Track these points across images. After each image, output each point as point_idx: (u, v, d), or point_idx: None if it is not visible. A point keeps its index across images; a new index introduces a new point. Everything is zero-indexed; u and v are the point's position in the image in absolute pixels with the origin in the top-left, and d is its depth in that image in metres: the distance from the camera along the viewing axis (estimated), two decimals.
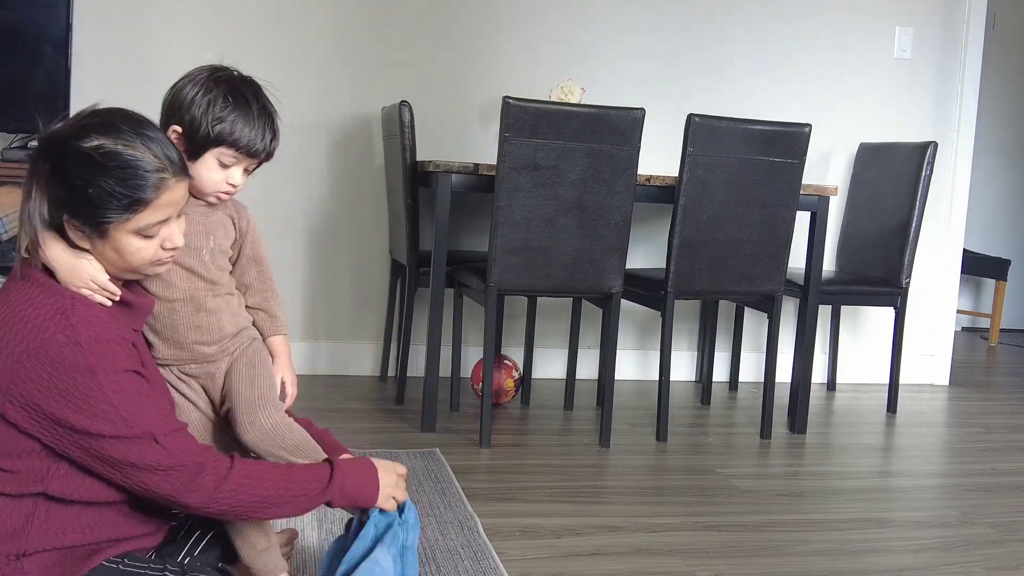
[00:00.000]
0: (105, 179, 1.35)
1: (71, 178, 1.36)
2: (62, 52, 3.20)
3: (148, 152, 1.39)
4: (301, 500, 1.50)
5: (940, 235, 4.45)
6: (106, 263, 1.42)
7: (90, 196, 1.36)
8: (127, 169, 1.36)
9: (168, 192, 1.40)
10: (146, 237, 1.41)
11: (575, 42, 3.96)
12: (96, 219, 1.37)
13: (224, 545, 1.69)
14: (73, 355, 1.33)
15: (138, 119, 1.43)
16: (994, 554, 2.33)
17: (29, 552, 1.38)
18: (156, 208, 1.39)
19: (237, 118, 1.61)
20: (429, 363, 3.09)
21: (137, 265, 1.44)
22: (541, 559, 2.12)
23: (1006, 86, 6.18)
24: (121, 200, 1.36)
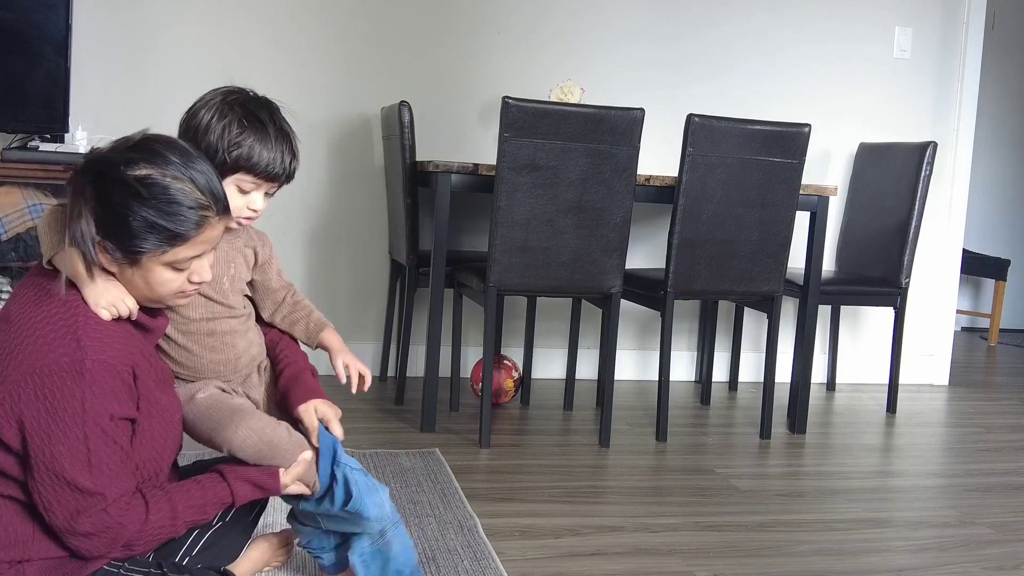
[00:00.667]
0: (148, 211, 1.34)
1: (113, 204, 1.34)
2: (62, 52, 3.20)
3: (195, 188, 1.38)
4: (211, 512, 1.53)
5: (940, 235, 4.45)
6: (130, 289, 1.42)
7: (130, 224, 1.34)
8: (172, 204, 1.35)
9: (209, 230, 1.40)
10: (178, 270, 1.41)
11: (575, 42, 3.96)
12: (132, 248, 1.36)
13: (223, 545, 1.69)
14: (72, 385, 1.32)
15: (187, 152, 1.41)
16: (993, 554, 2.33)
17: (32, 559, 1.39)
18: (194, 244, 1.39)
19: (254, 142, 1.59)
20: (429, 363, 3.09)
21: (162, 296, 1.43)
22: (541, 559, 2.12)
23: (1006, 86, 6.18)
24: (161, 233, 1.35)
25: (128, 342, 1.42)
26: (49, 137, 3.23)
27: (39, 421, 1.33)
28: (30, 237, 3.15)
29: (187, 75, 3.51)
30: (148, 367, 1.48)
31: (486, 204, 3.28)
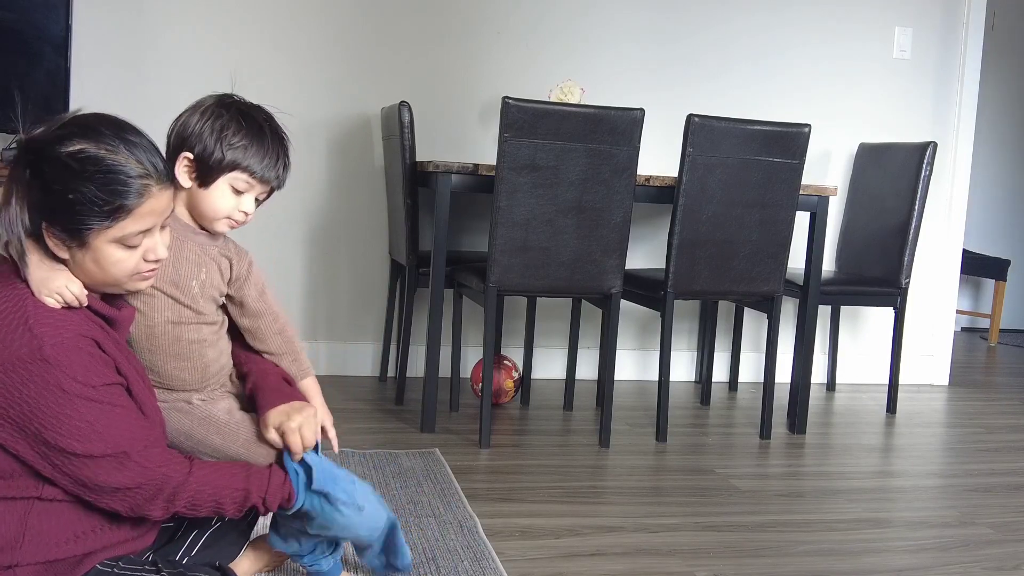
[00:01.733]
0: (86, 185, 1.31)
1: (51, 183, 1.31)
2: (62, 52, 3.20)
3: (131, 158, 1.34)
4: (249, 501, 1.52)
5: (940, 235, 4.45)
6: (84, 275, 1.38)
7: (70, 202, 1.31)
8: (109, 175, 1.32)
9: (151, 200, 1.36)
10: (128, 247, 1.37)
11: (575, 42, 3.96)
12: (76, 226, 1.32)
13: (222, 544, 1.69)
14: (41, 372, 1.29)
15: (121, 124, 1.38)
16: (993, 554, 2.33)
17: (21, 563, 1.37)
18: (138, 216, 1.35)
19: (251, 142, 1.60)
20: (429, 363, 3.09)
21: (118, 277, 1.39)
22: (541, 559, 2.12)
23: (1005, 86, 6.18)
24: (102, 207, 1.31)
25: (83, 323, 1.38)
26: None
27: (25, 416, 1.30)
28: None
29: (187, 75, 3.51)
30: (118, 351, 1.44)
31: (486, 204, 3.28)
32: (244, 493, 1.50)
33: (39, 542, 1.38)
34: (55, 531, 1.40)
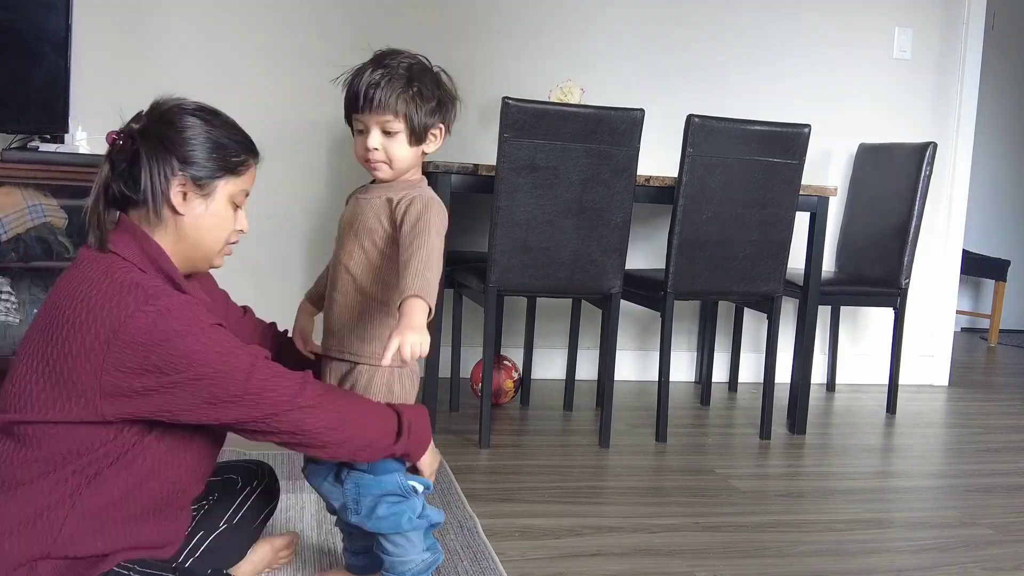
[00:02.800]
0: (216, 131, 1.49)
1: (187, 135, 1.46)
2: (62, 53, 3.20)
3: (237, 128, 1.55)
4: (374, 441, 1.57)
5: (940, 235, 4.45)
6: (193, 238, 1.49)
7: (207, 148, 1.47)
8: (229, 128, 1.52)
9: (253, 166, 1.55)
10: (235, 207, 1.52)
11: (575, 43, 3.96)
12: (212, 170, 1.47)
13: (227, 548, 1.69)
14: (164, 323, 1.35)
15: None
16: (993, 554, 2.33)
17: (49, 556, 1.37)
18: (248, 176, 1.54)
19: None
20: (429, 363, 3.09)
21: (217, 240, 1.51)
22: (540, 559, 2.12)
23: (1005, 86, 6.18)
24: (234, 155, 1.49)
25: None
26: (49, 137, 3.23)
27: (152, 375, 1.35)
28: (30, 237, 3.15)
29: (187, 75, 3.51)
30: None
31: (486, 204, 3.28)
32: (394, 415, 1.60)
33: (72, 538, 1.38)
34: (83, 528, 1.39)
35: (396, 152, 1.66)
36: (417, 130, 1.66)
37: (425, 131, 1.68)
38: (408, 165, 1.69)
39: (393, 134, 1.65)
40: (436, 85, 1.70)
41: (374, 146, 1.65)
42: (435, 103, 1.68)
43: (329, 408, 1.48)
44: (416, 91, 1.65)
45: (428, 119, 1.68)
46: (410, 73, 1.66)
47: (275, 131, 3.59)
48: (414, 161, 1.70)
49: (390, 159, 1.66)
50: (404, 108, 1.64)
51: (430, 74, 1.70)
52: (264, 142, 1.62)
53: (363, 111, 1.65)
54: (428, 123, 1.68)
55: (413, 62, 1.68)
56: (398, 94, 1.63)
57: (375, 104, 1.63)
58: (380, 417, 1.58)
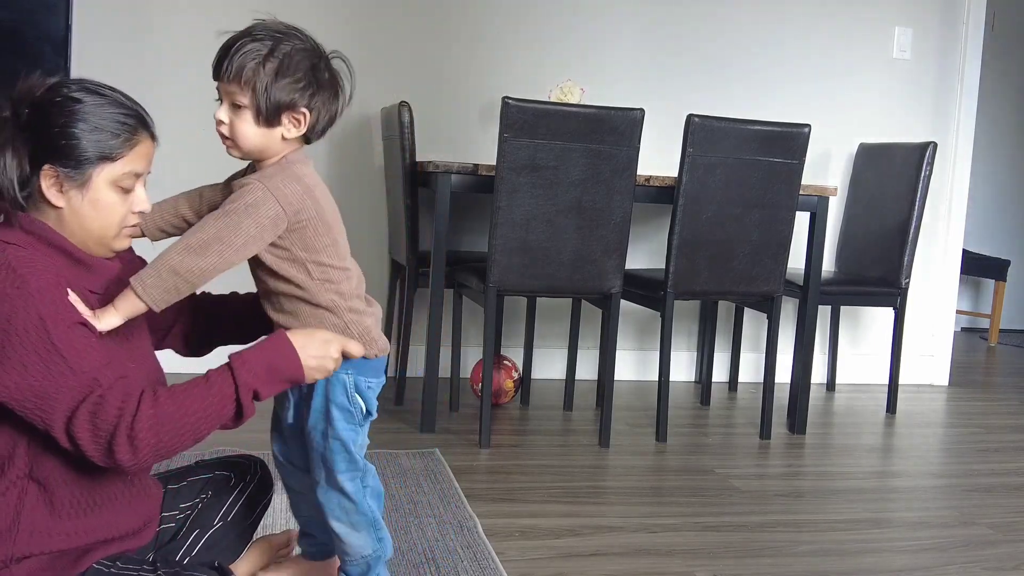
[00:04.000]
0: (88, 119, 1.37)
1: (51, 124, 1.37)
2: (62, 52, 3.20)
3: (123, 99, 1.42)
4: (221, 412, 1.40)
5: (939, 235, 4.45)
6: (79, 226, 1.40)
7: (74, 137, 1.36)
8: (109, 108, 1.39)
9: (144, 142, 1.42)
10: (123, 191, 1.41)
11: (575, 43, 3.96)
12: (81, 158, 1.37)
13: (223, 546, 1.69)
14: (24, 304, 1.29)
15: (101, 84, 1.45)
16: (993, 554, 2.33)
17: (18, 557, 1.37)
18: (134, 157, 1.41)
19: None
20: (428, 364, 3.09)
21: (109, 225, 1.42)
22: (540, 559, 2.12)
23: (1005, 86, 6.18)
24: (104, 140, 1.38)
25: (59, 273, 1.38)
26: None
27: (5, 356, 1.29)
28: None
29: (187, 75, 3.51)
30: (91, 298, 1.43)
31: (486, 204, 3.28)
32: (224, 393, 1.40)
33: (34, 532, 1.37)
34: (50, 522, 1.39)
35: (240, 129, 1.49)
36: (265, 109, 1.47)
37: (278, 112, 1.48)
38: (257, 147, 1.51)
39: (240, 108, 1.48)
40: (310, 66, 1.51)
41: (220, 119, 1.50)
42: (301, 83, 1.49)
43: (149, 442, 1.32)
44: (275, 65, 1.47)
45: (283, 97, 1.48)
46: (274, 43, 1.49)
47: None
48: (266, 144, 1.51)
49: (235, 137, 1.50)
50: (252, 79, 1.46)
51: (306, 53, 1.51)
52: None
53: (216, 78, 1.51)
54: (282, 102, 1.48)
55: (285, 36, 1.51)
56: (249, 64, 1.47)
57: (223, 71, 1.49)
58: (210, 418, 1.39)
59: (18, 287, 1.30)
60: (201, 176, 1.65)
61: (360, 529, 1.66)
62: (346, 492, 1.64)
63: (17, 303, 1.29)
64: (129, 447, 1.31)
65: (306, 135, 1.56)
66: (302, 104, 1.50)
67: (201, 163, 3.85)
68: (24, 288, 1.30)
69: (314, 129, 1.56)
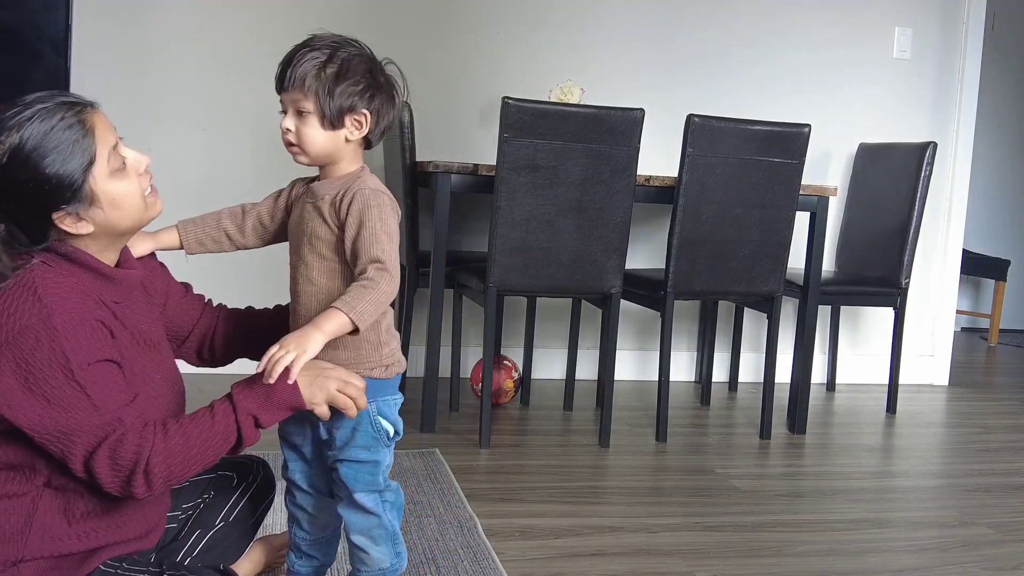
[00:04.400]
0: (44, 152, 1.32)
1: (24, 183, 1.32)
2: (62, 52, 3.20)
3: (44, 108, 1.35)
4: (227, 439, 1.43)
5: (940, 235, 4.45)
6: (114, 231, 1.40)
7: (52, 176, 1.32)
8: (47, 128, 1.33)
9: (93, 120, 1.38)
10: (120, 172, 1.39)
11: (575, 43, 3.96)
12: (74, 186, 1.34)
13: (224, 546, 1.69)
14: (48, 339, 1.29)
15: (13, 101, 1.38)
16: (993, 554, 2.33)
17: (27, 559, 1.37)
18: (100, 140, 1.37)
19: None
20: (428, 363, 3.09)
21: (137, 207, 1.42)
22: (540, 559, 2.12)
23: (1005, 86, 6.18)
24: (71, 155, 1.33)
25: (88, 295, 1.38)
26: None
27: (28, 389, 1.29)
28: None
29: (187, 76, 3.51)
30: (117, 322, 1.42)
31: (486, 204, 3.28)
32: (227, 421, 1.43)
33: (44, 536, 1.38)
34: (60, 524, 1.39)
35: (307, 134, 1.54)
36: (329, 112, 1.52)
37: (340, 115, 1.53)
38: (325, 151, 1.57)
39: (305, 115, 1.54)
40: (367, 70, 1.56)
41: (287, 127, 1.56)
42: (360, 86, 1.54)
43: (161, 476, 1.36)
44: (335, 70, 1.52)
45: (344, 101, 1.53)
46: (332, 51, 1.54)
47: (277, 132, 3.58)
48: (333, 148, 1.57)
49: (302, 143, 1.55)
50: (314, 84, 1.51)
51: (363, 59, 1.57)
52: (266, 143, 1.61)
53: (279, 90, 1.56)
54: (344, 105, 1.53)
55: (341, 44, 1.56)
56: (311, 71, 1.52)
57: (286, 81, 1.54)
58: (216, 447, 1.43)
59: (43, 319, 1.30)
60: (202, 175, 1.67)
61: (380, 543, 1.65)
62: (367, 508, 1.62)
63: (41, 336, 1.29)
64: (144, 482, 1.35)
65: (367, 137, 1.60)
66: (362, 106, 1.55)
67: (202, 162, 3.86)
68: (48, 322, 1.30)
69: (374, 131, 1.60)
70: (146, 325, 1.51)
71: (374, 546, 1.64)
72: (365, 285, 1.49)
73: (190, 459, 1.39)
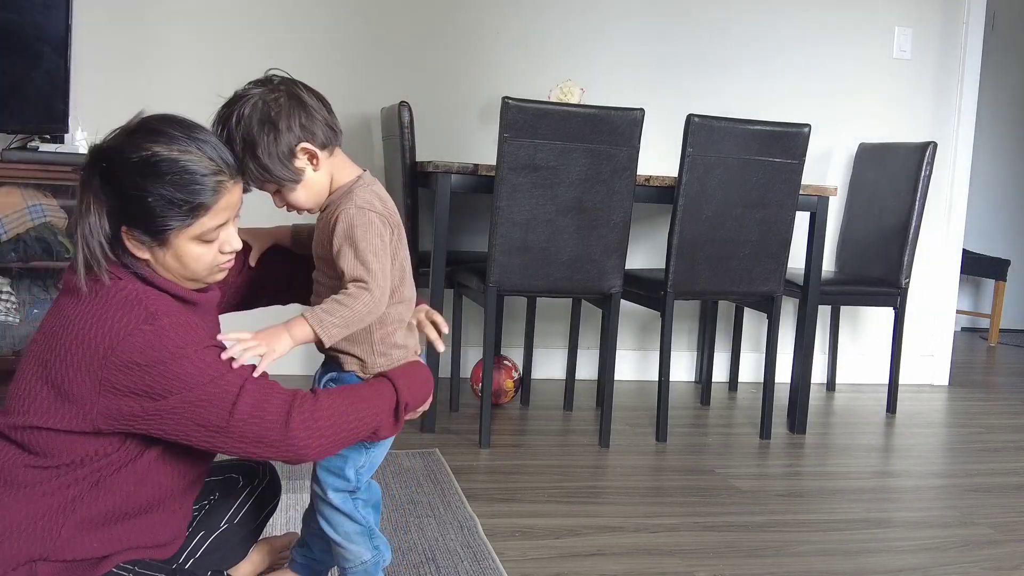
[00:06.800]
0: (163, 187, 1.34)
1: (127, 189, 1.35)
2: (61, 52, 3.20)
3: (204, 156, 1.37)
4: (379, 418, 1.52)
5: (940, 235, 4.45)
6: (166, 271, 1.41)
7: (149, 205, 1.34)
8: (184, 175, 1.35)
9: (227, 195, 1.40)
10: (206, 243, 1.40)
11: (574, 42, 3.96)
12: (157, 228, 1.36)
13: (227, 549, 1.69)
14: (160, 343, 1.32)
15: (189, 124, 1.40)
16: (993, 554, 2.33)
17: (49, 558, 1.37)
18: (216, 212, 1.39)
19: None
20: (428, 364, 3.08)
21: (197, 271, 1.43)
22: (540, 559, 2.12)
23: (1005, 86, 6.18)
24: (181, 207, 1.35)
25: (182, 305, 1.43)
26: (49, 137, 3.23)
27: (154, 385, 1.32)
28: (30, 237, 3.15)
29: (187, 76, 3.51)
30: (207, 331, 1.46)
31: (486, 204, 3.28)
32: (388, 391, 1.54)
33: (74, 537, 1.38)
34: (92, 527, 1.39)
35: (291, 201, 1.57)
36: (282, 175, 1.52)
37: (288, 167, 1.52)
38: (315, 196, 1.58)
39: (276, 192, 1.56)
40: (261, 116, 1.50)
41: (279, 206, 1.60)
42: (271, 134, 1.49)
43: (322, 429, 1.41)
44: (244, 147, 1.48)
45: (274, 157, 1.50)
46: (226, 134, 1.49)
47: None
48: (318, 188, 1.57)
49: (295, 208, 1.59)
50: (251, 172, 1.50)
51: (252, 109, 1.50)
52: None
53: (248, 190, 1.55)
54: (281, 158, 1.50)
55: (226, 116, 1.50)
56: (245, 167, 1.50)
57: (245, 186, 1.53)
58: (377, 408, 1.52)
59: (151, 323, 1.33)
60: None
61: (355, 540, 1.67)
62: (336, 507, 1.65)
63: (150, 337, 1.32)
64: (306, 420, 1.39)
65: (328, 146, 1.58)
66: (292, 142, 1.52)
67: None
68: (157, 324, 1.33)
69: (324, 137, 1.57)
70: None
71: (350, 544, 1.67)
72: (340, 301, 1.51)
73: (346, 412, 1.45)
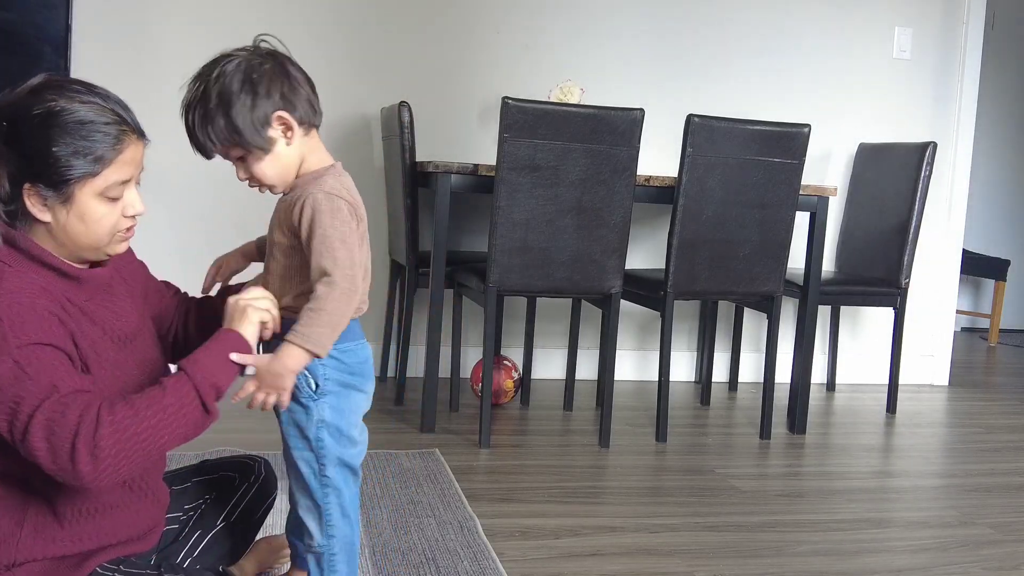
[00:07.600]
0: (66, 136, 1.32)
1: (29, 142, 1.32)
2: (61, 52, 3.20)
3: (106, 108, 1.36)
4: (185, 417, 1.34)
5: (940, 235, 4.45)
6: (67, 238, 1.37)
7: (53, 155, 1.32)
8: (86, 124, 1.33)
9: (130, 148, 1.37)
10: (110, 200, 1.37)
11: (574, 43, 3.96)
12: (61, 178, 1.33)
13: (224, 546, 1.69)
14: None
15: (90, 83, 1.39)
16: (993, 554, 2.33)
17: (20, 562, 1.36)
18: (119, 165, 1.36)
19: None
20: (428, 364, 3.09)
21: (100, 235, 1.38)
22: (540, 559, 2.12)
23: (1006, 86, 6.18)
24: (86, 156, 1.33)
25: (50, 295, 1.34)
26: None
27: None
28: None
29: (187, 76, 3.51)
30: (86, 319, 1.40)
31: (486, 204, 3.28)
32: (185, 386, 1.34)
33: (37, 537, 1.37)
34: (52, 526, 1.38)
35: (257, 172, 1.51)
36: (251, 142, 1.47)
37: (260, 134, 1.48)
38: (283, 172, 1.52)
39: (241, 160, 1.51)
40: (244, 78, 1.47)
41: (241, 178, 1.54)
42: (250, 97, 1.46)
43: (105, 450, 1.25)
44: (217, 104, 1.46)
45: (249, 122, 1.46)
46: (204, 90, 1.48)
47: None
48: (287, 163, 1.52)
49: (260, 181, 1.52)
50: (219, 135, 1.47)
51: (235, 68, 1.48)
52: None
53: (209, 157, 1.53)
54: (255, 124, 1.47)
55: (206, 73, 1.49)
56: (202, 127, 1.47)
57: (206, 151, 1.50)
58: (174, 409, 1.33)
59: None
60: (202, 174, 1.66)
61: (310, 513, 1.61)
62: (300, 471, 1.60)
63: None
64: (90, 457, 1.24)
65: (304, 123, 1.53)
66: (270, 109, 1.48)
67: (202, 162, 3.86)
68: None
69: (302, 113, 1.52)
70: (122, 321, 1.47)
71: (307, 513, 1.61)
72: (313, 308, 1.46)
73: (142, 434, 1.28)
